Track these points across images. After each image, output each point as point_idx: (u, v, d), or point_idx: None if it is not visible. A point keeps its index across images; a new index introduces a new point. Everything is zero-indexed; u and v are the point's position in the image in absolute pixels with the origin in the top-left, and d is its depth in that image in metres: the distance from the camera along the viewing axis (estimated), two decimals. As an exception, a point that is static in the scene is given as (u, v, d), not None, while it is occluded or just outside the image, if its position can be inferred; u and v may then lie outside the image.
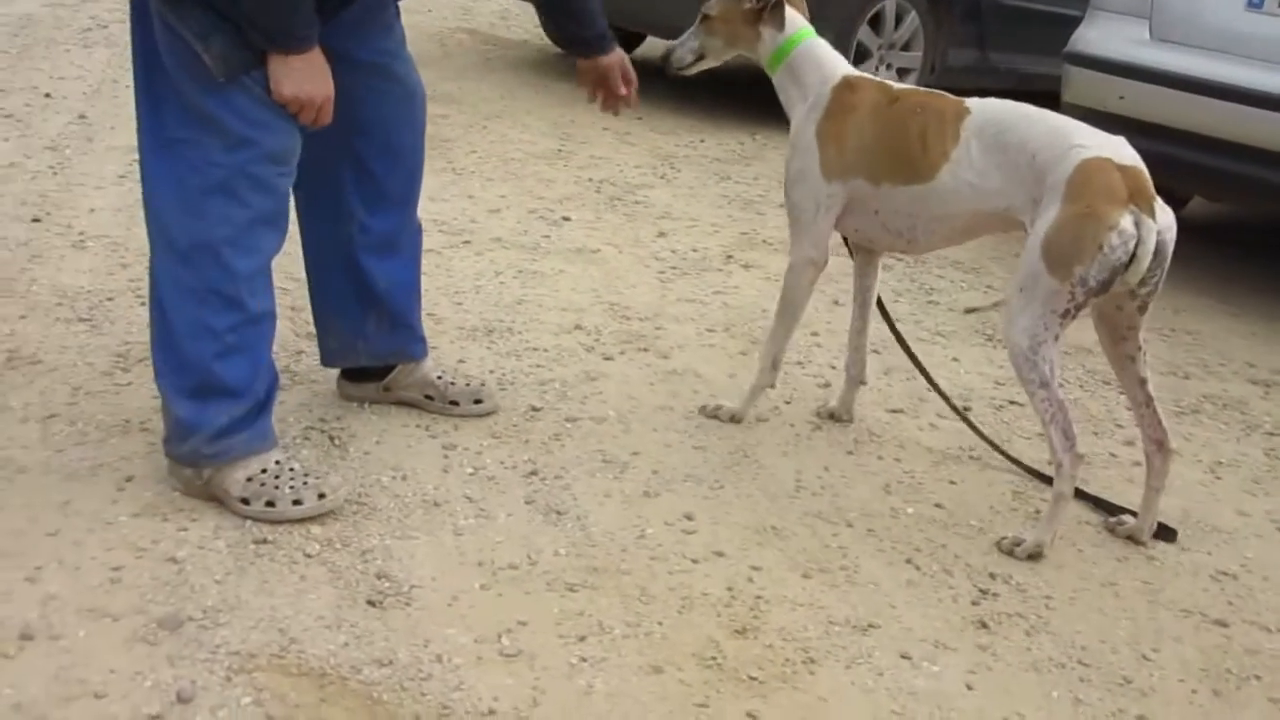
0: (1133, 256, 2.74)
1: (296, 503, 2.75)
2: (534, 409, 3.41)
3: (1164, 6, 5.07)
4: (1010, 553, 2.93)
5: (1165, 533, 3.10)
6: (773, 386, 3.50)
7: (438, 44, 8.20)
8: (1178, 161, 4.87)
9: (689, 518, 2.96)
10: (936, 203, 3.07)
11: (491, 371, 3.61)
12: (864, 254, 3.45)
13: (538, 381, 3.58)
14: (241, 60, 2.55)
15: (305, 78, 2.59)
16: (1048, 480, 3.15)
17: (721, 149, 6.61)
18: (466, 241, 4.65)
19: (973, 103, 3.08)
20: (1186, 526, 3.19)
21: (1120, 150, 2.85)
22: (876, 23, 7.24)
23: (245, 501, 2.75)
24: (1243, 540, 3.17)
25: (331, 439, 3.15)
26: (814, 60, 3.27)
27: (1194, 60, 4.95)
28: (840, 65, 3.28)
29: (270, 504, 2.74)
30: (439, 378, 3.35)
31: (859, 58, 7.16)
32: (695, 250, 4.89)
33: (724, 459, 3.25)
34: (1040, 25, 8.10)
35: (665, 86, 7.93)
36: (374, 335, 3.24)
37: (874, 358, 4.00)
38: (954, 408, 3.55)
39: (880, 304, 3.52)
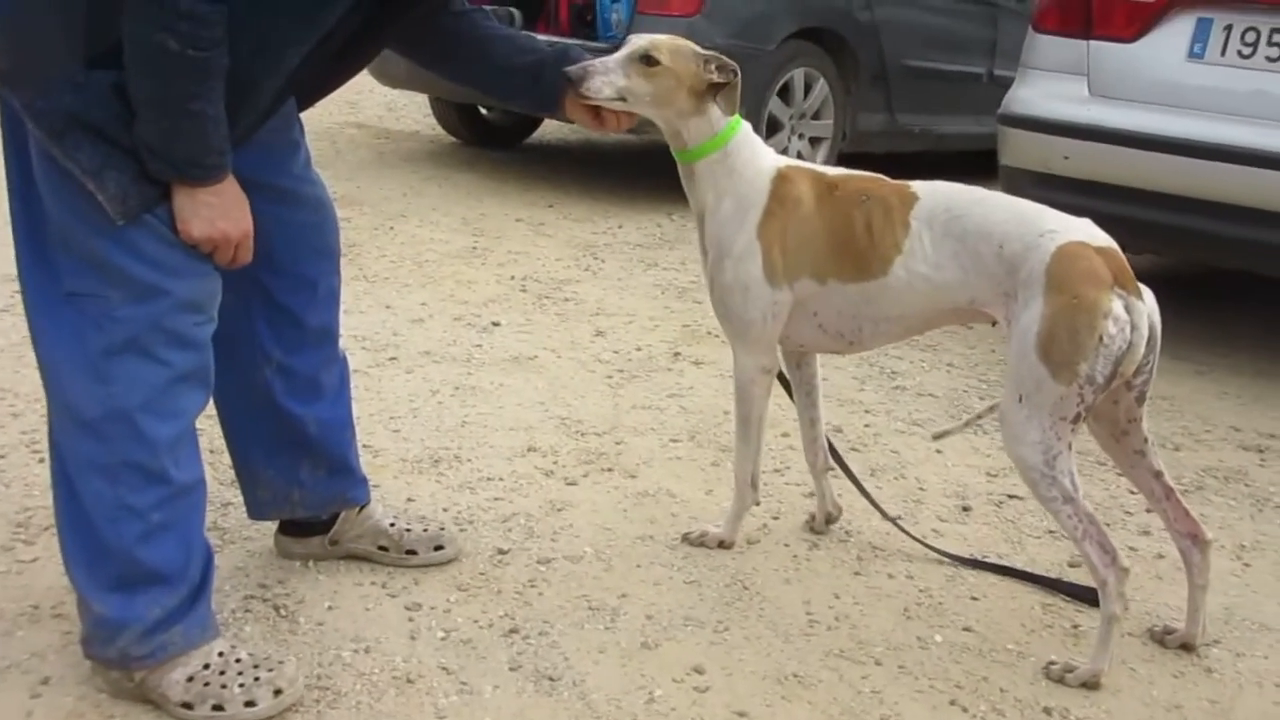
0: (1129, 344, 2.48)
1: (249, 704, 2.34)
2: (501, 552, 3.03)
3: (1101, 62, 4.88)
4: (1061, 680, 2.62)
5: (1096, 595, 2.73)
6: (757, 504, 3.18)
7: (328, 142, 7.82)
8: (1129, 220, 4.66)
9: (699, 671, 2.60)
10: (889, 300, 2.77)
11: (446, 510, 3.23)
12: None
13: (499, 518, 3.21)
14: (143, 197, 2.18)
15: (219, 213, 2.23)
16: (1036, 580, 3.01)
17: (641, 234, 6.32)
18: (393, 358, 4.27)
19: (919, 187, 2.80)
20: (1232, 626, 2.91)
21: (1092, 232, 2.61)
22: (785, 93, 7.03)
23: (188, 706, 2.34)
24: (1295, 639, 2.89)
25: (277, 609, 2.75)
26: (751, 150, 2.89)
27: (1137, 115, 4.76)
28: (771, 155, 2.94)
29: (218, 708, 2.33)
30: (392, 525, 2.97)
31: (770, 129, 6.95)
32: (639, 349, 4.56)
33: (722, 594, 2.91)
34: (946, 84, 8.03)
35: (574, 171, 7.66)
36: (310, 483, 2.85)
37: (857, 456, 3.70)
38: (898, 525, 3.25)
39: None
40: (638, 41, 2.78)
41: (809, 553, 3.14)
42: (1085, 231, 2.59)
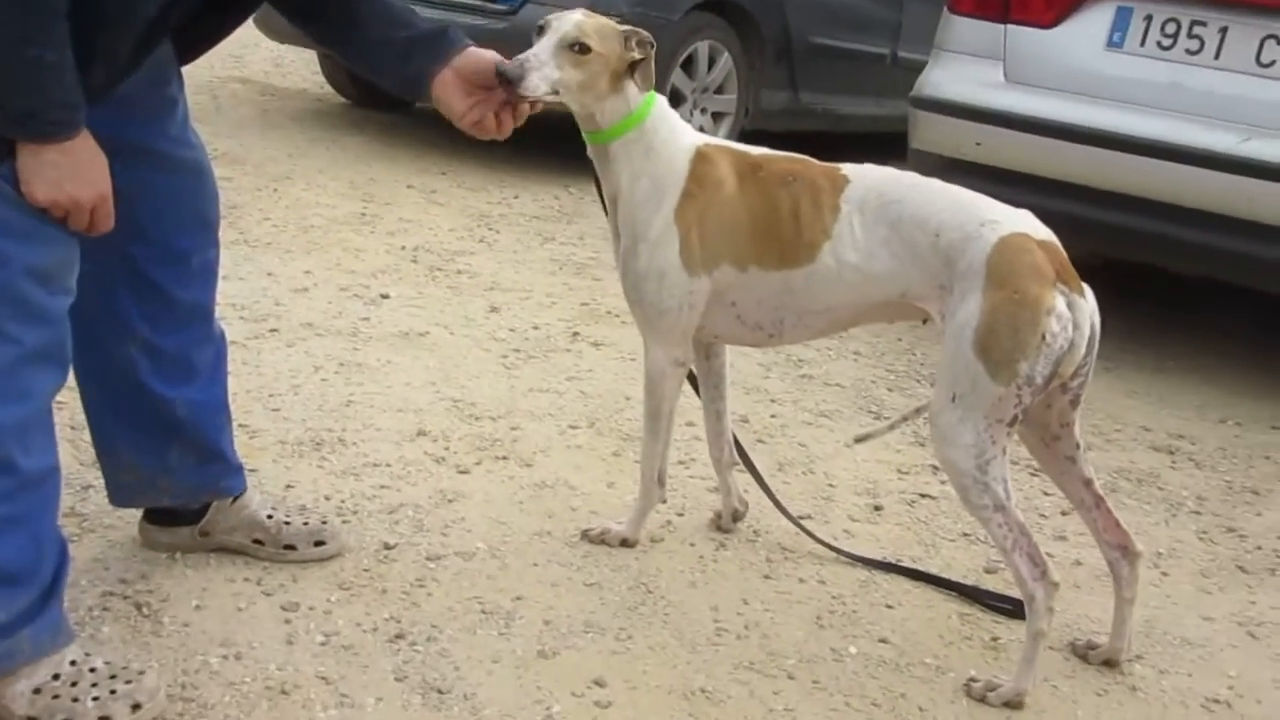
0: (1070, 343, 2.34)
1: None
2: (387, 546, 2.81)
3: (1018, 47, 4.76)
4: (983, 699, 2.48)
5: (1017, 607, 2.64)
6: (664, 501, 3.00)
7: (209, 96, 7.44)
8: (1038, 210, 4.54)
9: (600, 684, 2.41)
10: (815, 290, 2.60)
11: (328, 498, 3.00)
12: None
13: (386, 508, 2.98)
14: None
15: (67, 174, 1.98)
16: (953, 587, 2.89)
17: (538, 205, 6.09)
18: (273, 330, 4.01)
19: (850, 170, 2.63)
20: (1154, 640, 2.80)
21: (1032, 224, 2.47)
22: (689, 66, 6.84)
23: (35, 722, 2.09)
24: (1219, 654, 2.78)
25: (139, 607, 2.51)
26: (669, 128, 2.69)
27: (1053, 103, 4.65)
28: (690, 132, 2.74)
29: (69, 724, 2.09)
30: (269, 517, 2.74)
31: (673, 102, 6.71)
32: (536, 328, 4.34)
33: (624, 598, 2.72)
34: (850, 64, 7.90)
35: (467, 137, 7.37)
36: (179, 469, 2.61)
37: (763, 449, 3.53)
38: (804, 529, 3.08)
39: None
40: (562, 27, 2.53)
41: (715, 553, 2.96)
42: (1027, 223, 2.45)
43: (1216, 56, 4.41)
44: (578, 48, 2.53)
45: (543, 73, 2.48)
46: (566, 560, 2.84)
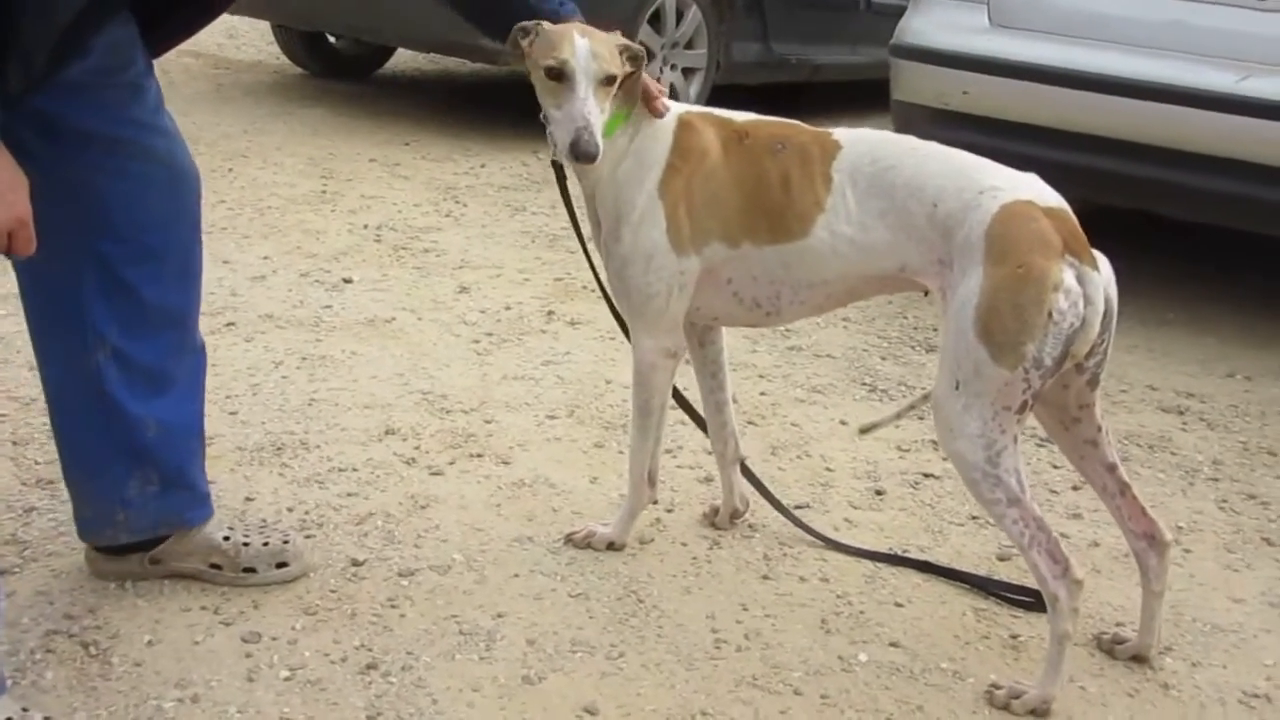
0: (1082, 320, 2.13)
1: (42, 787, 1.90)
2: (355, 563, 2.60)
3: (1002, -11, 4.53)
4: (1006, 708, 2.28)
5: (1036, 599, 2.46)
6: (654, 502, 2.79)
7: (160, 71, 7.07)
8: (1033, 160, 4.32)
9: (591, 711, 2.22)
10: (811, 265, 2.39)
11: (290, 509, 2.79)
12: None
13: (353, 519, 2.77)
14: None
15: None
16: (965, 579, 2.70)
17: (506, 174, 5.84)
18: (230, 323, 3.78)
19: (841, 135, 2.41)
20: (1183, 629, 2.61)
21: (1039, 189, 2.25)
22: (656, 21, 6.58)
23: (-34, 795, 1.89)
24: (1253, 641, 2.59)
25: (86, 646, 2.30)
26: None
27: (1042, 47, 4.44)
28: (670, 102, 2.51)
29: (4, 795, 1.89)
30: (226, 538, 2.52)
31: (641, 60, 6.49)
32: (508, 308, 4.12)
33: (614, 609, 2.52)
34: (822, 12, 7.67)
35: (431, 105, 7.15)
36: (138, 502, 2.40)
37: (754, 431, 3.33)
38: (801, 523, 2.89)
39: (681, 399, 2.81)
40: (586, 63, 2.26)
41: (710, 553, 2.76)
42: (1032, 189, 2.23)
43: (1212, -9, 4.20)
44: (609, 83, 2.31)
45: (595, 127, 2.26)
46: (550, 569, 2.63)
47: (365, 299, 4.08)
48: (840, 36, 7.80)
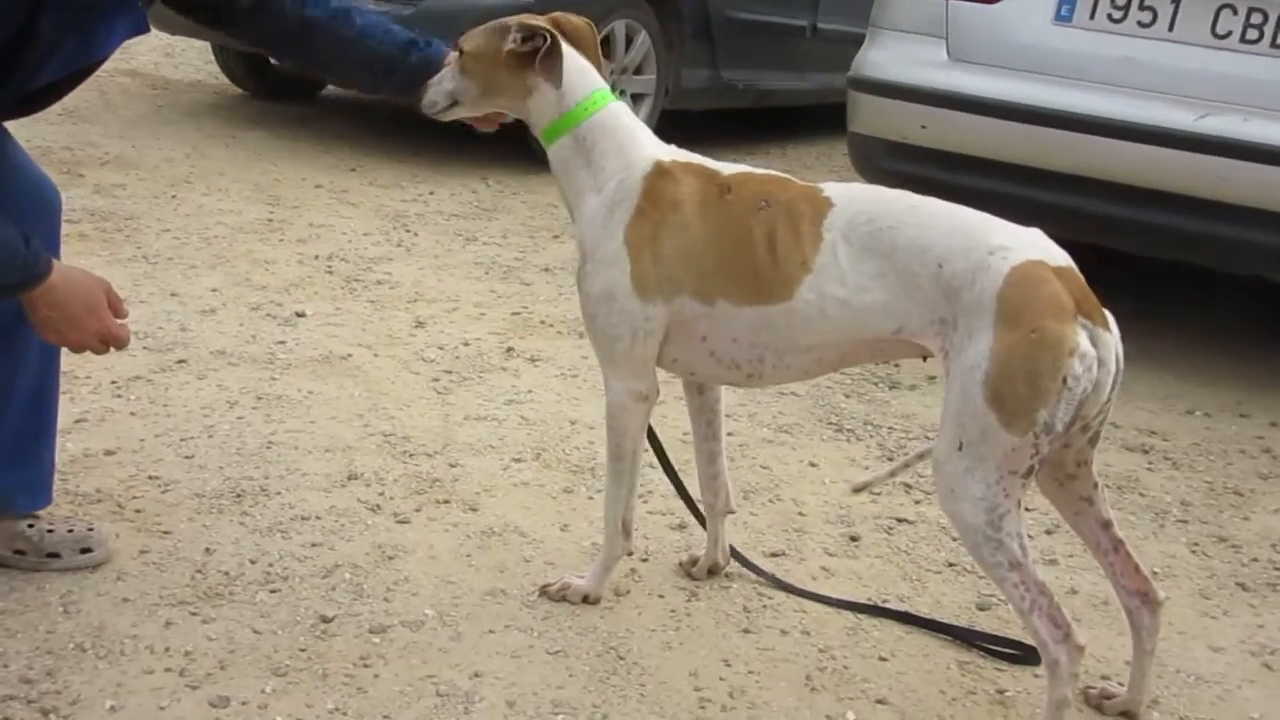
0: (1094, 384, 2.09)
1: None
2: (324, 620, 2.51)
3: (961, 24, 4.53)
4: (1001, 770, 2.24)
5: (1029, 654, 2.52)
6: (630, 554, 2.72)
7: (96, 93, 7.00)
8: (990, 195, 4.33)
9: (577, 779, 2.14)
10: (796, 328, 2.32)
11: (254, 562, 2.69)
12: None
13: (320, 571, 2.68)
14: None
15: (61, 324, 2.10)
16: (948, 631, 2.66)
17: (456, 202, 5.76)
18: (181, 361, 3.67)
19: (833, 191, 2.35)
20: (1166, 680, 2.58)
21: (1047, 248, 2.20)
22: (606, 47, 6.53)
23: None
24: (1237, 693, 2.57)
25: (45, 714, 2.19)
26: (614, 137, 2.43)
27: (1000, 82, 4.43)
28: (649, 143, 2.47)
29: None
30: (30, 525, 2.53)
31: (590, 85, 6.43)
32: (466, 344, 4.04)
33: (594, 667, 2.45)
34: (770, 38, 7.67)
35: (376, 128, 7.04)
36: None
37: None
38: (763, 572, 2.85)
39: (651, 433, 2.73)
40: (459, 40, 2.46)
41: (688, 605, 2.70)
42: (1041, 248, 2.18)
43: (1170, 29, 4.22)
44: (460, 53, 2.47)
45: (440, 88, 2.52)
46: (526, 624, 2.56)
47: (319, 334, 3.98)
48: (788, 63, 7.81)
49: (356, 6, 2.59)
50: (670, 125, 5.99)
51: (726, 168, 2.43)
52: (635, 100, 6.81)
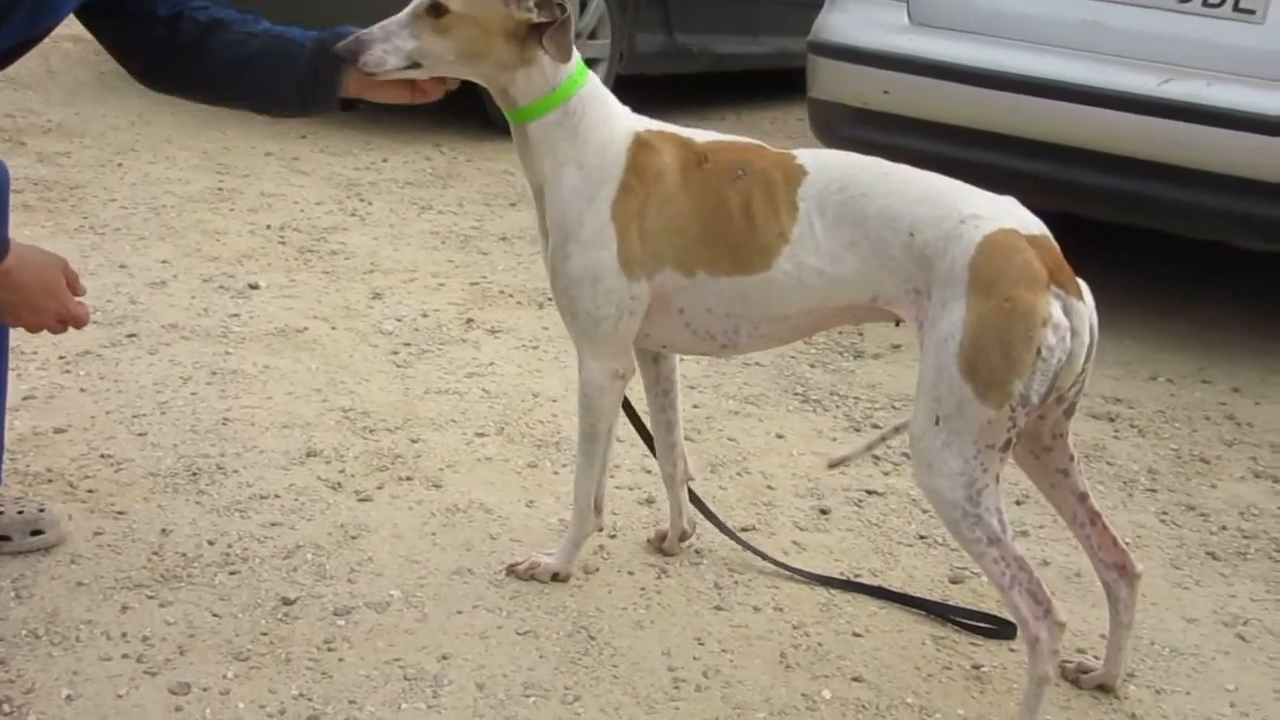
0: (1069, 354, 2.05)
1: None
2: (286, 602, 2.45)
3: (922, -14, 4.47)
4: (981, 749, 2.21)
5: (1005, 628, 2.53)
6: (600, 530, 2.67)
7: (39, 60, 6.83)
8: (954, 161, 4.28)
9: (551, 763, 2.10)
10: (772, 298, 2.27)
11: (212, 543, 2.62)
12: None
13: (280, 552, 2.61)
14: None
15: (21, 307, 2.03)
16: (922, 606, 2.62)
17: (410, 169, 5.67)
18: (131, 335, 3.57)
19: (806, 157, 2.30)
20: (1142, 653, 2.56)
21: (1021, 216, 2.16)
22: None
23: None
24: (1212, 664, 2.55)
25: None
26: (602, 110, 2.34)
27: (963, 47, 4.39)
28: (628, 115, 2.39)
29: None
30: None
31: (545, 51, 6.34)
32: (425, 315, 3.96)
33: (565, 647, 2.39)
34: (725, 2, 7.59)
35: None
36: None
37: (692, 448, 3.20)
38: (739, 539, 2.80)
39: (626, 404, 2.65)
40: None
41: (658, 582, 2.65)
42: (1014, 216, 2.14)
43: (1134, -8, 4.19)
44: (434, 10, 2.21)
45: (390, 44, 2.22)
46: (494, 604, 2.50)
47: (274, 306, 3.90)
48: (742, 27, 7.74)
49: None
50: (623, 91, 5.91)
51: (699, 135, 2.37)
52: (590, 65, 6.70)
